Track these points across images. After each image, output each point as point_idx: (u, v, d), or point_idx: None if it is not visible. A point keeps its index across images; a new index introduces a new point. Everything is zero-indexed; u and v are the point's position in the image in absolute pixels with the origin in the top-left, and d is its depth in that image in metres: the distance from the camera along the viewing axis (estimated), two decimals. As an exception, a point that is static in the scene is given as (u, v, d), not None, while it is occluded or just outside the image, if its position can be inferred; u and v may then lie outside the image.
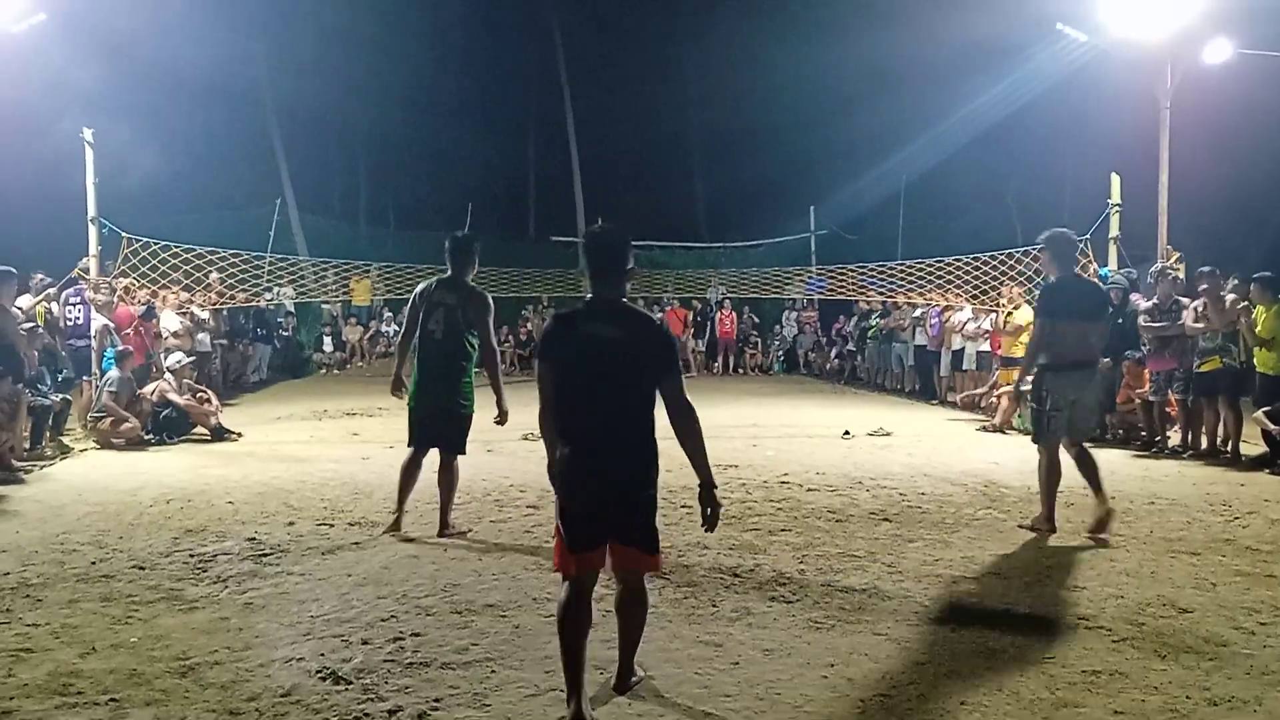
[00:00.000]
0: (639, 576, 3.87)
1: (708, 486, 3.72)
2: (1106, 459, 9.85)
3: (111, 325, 12.16)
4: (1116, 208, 12.50)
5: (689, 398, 3.73)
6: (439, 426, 6.52)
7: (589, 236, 3.96)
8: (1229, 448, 9.89)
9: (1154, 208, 12.78)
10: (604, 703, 3.86)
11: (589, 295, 3.88)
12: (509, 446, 9.46)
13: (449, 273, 6.61)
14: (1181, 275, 11.47)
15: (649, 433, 3.76)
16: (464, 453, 6.64)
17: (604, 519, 3.74)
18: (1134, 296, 11.24)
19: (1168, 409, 10.49)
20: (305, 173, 29.64)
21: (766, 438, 11.49)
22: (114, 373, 10.98)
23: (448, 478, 6.57)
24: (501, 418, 6.49)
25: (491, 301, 6.63)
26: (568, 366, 3.79)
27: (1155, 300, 10.68)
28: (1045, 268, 7.09)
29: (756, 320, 24.59)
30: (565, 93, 33.74)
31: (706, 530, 3.77)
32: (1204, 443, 10.17)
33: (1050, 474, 6.74)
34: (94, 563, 5.90)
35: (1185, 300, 10.44)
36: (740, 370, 23.55)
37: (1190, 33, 12.91)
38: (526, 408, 3.96)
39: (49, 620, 4.81)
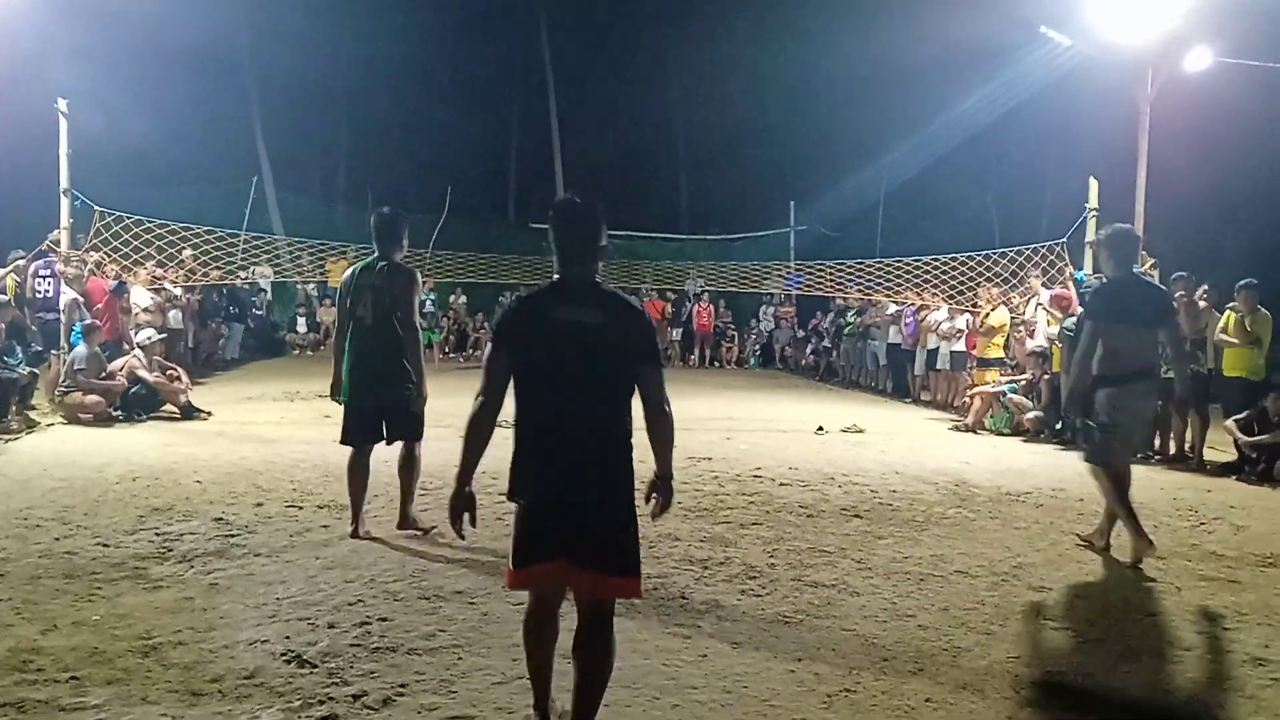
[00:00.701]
0: (606, 606, 3.32)
1: (666, 479, 3.42)
2: (1075, 462, 9.95)
3: (81, 299, 12.01)
4: (1094, 212, 12.57)
5: (668, 396, 3.34)
6: (390, 419, 6.05)
7: (559, 207, 3.45)
8: (1195, 453, 9.99)
9: (1132, 212, 12.87)
10: (561, 699, 3.81)
11: (556, 275, 3.38)
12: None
13: (375, 253, 6.11)
14: (1156, 280, 11.55)
15: (626, 435, 3.30)
16: (420, 437, 6.16)
17: (560, 530, 3.24)
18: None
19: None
20: (283, 149, 29.36)
21: (740, 431, 11.50)
22: (81, 348, 10.84)
23: (409, 469, 6.15)
24: (419, 402, 6.09)
25: (419, 277, 6.23)
26: (533, 355, 3.29)
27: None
28: (1101, 266, 6.53)
29: (731, 315, 24.59)
30: (549, 79, 33.58)
31: (652, 519, 3.46)
32: (1171, 448, 10.27)
33: (1118, 490, 6.05)
34: (58, 539, 5.82)
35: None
36: (716, 363, 23.55)
37: (1172, 39, 13.00)
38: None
39: (10, 596, 4.75)
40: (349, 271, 6.22)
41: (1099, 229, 12.44)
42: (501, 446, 3.30)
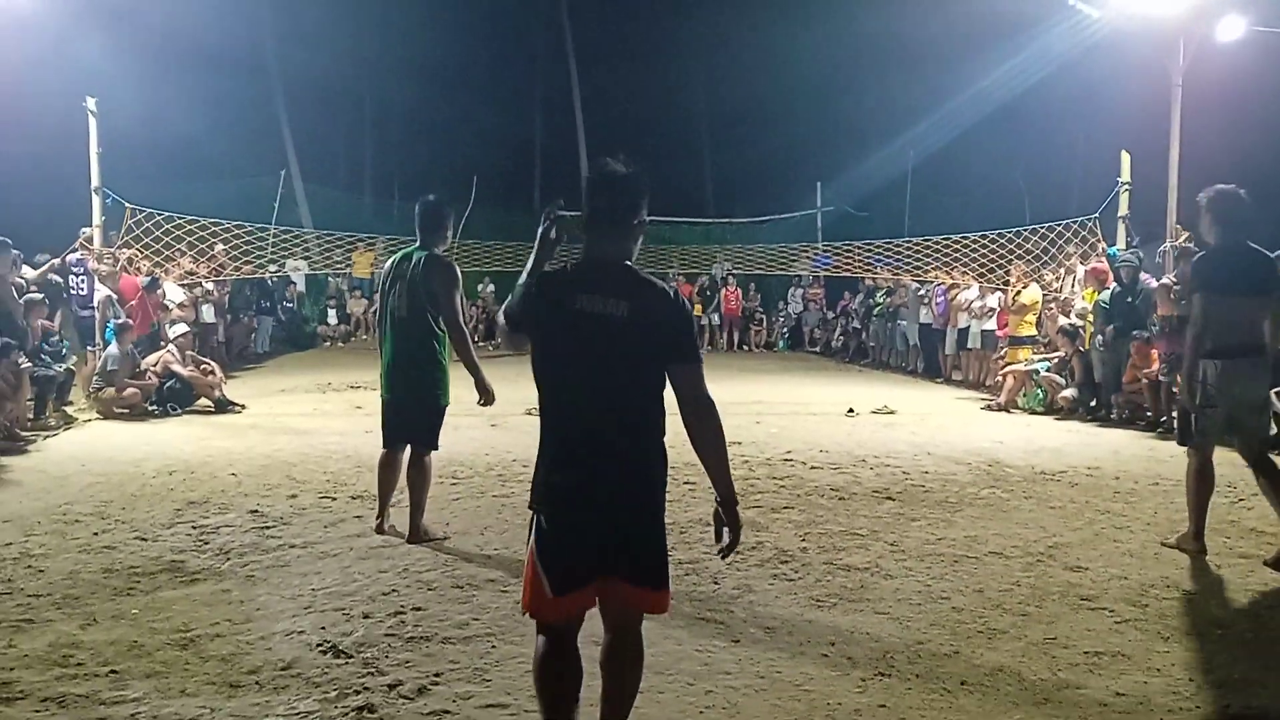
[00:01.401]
0: (637, 620, 3.08)
1: (728, 504, 2.95)
2: (1111, 440, 9.87)
3: (115, 296, 12.15)
4: (1126, 186, 12.41)
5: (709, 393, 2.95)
6: (411, 418, 5.78)
7: (598, 173, 3.01)
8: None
9: (1164, 186, 12.68)
10: (592, 686, 3.78)
11: (584, 253, 3.01)
12: (513, 421, 9.45)
13: (417, 242, 5.83)
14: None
15: (659, 435, 2.99)
16: (436, 448, 5.85)
17: (599, 550, 2.93)
18: (1143, 276, 11.15)
19: (1174, 390, 10.42)
20: (310, 142, 29.51)
21: (770, 415, 11.46)
22: (113, 348, 10.94)
23: (419, 476, 5.78)
24: (485, 398, 5.77)
25: (458, 272, 5.81)
26: (554, 349, 2.96)
27: (1173, 278, 10.52)
28: (1204, 232, 5.93)
29: (760, 298, 24.51)
30: (572, 66, 33.53)
31: (722, 558, 3.02)
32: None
33: (1200, 483, 5.72)
34: (96, 534, 5.90)
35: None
36: (745, 347, 23.50)
37: (1203, 9, 12.76)
38: (529, 383, 3.49)
39: (50, 591, 4.82)
40: (390, 260, 5.98)
41: (1129, 204, 12.34)
42: (531, 434, 3.18)
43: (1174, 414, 9.93)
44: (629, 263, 3.00)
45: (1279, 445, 9.05)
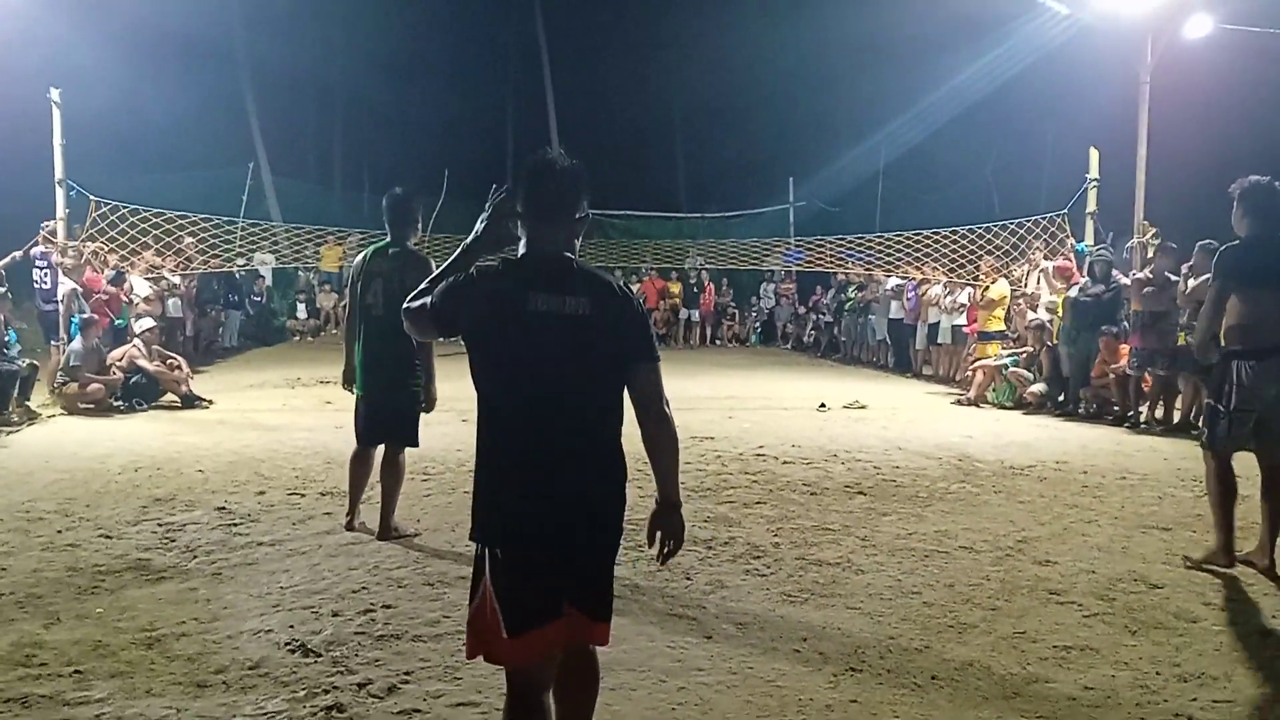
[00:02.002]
0: (589, 645, 2.87)
1: (674, 507, 2.77)
2: (1079, 434, 9.97)
3: (79, 290, 11.97)
4: (1094, 183, 12.51)
5: (667, 397, 2.78)
6: (389, 417, 5.72)
7: (535, 166, 2.81)
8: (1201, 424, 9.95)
9: (1132, 182, 12.80)
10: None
11: (524, 249, 2.78)
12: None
13: (387, 237, 5.78)
14: (1152, 251, 11.47)
15: (617, 445, 2.75)
16: (416, 445, 5.82)
17: (560, 578, 2.68)
18: (1115, 272, 11.27)
19: (1143, 384, 10.55)
20: (279, 134, 29.21)
21: (742, 410, 11.48)
22: (77, 343, 10.79)
23: (393, 473, 5.75)
24: (428, 405, 5.76)
25: (434, 267, 5.93)
26: (504, 349, 2.67)
27: (1148, 273, 10.61)
28: (1235, 224, 5.54)
29: (732, 293, 24.55)
30: (544, 60, 33.41)
31: (661, 563, 2.86)
32: (1175, 417, 10.25)
33: (1223, 489, 5.35)
34: (60, 531, 5.81)
35: (1173, 275, 10.41)
36: (717, 341, 23.54)
37: (1171, 7, 12.87)
38: None
39: (13, 590, 4.74)
40: (360, 255, 5.90)
41: (1097, 201, 12.45)
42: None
43: (1182, 412, 10.01)
44: (571, 256, 2.78)
45: None
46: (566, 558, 2.67)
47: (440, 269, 2.86)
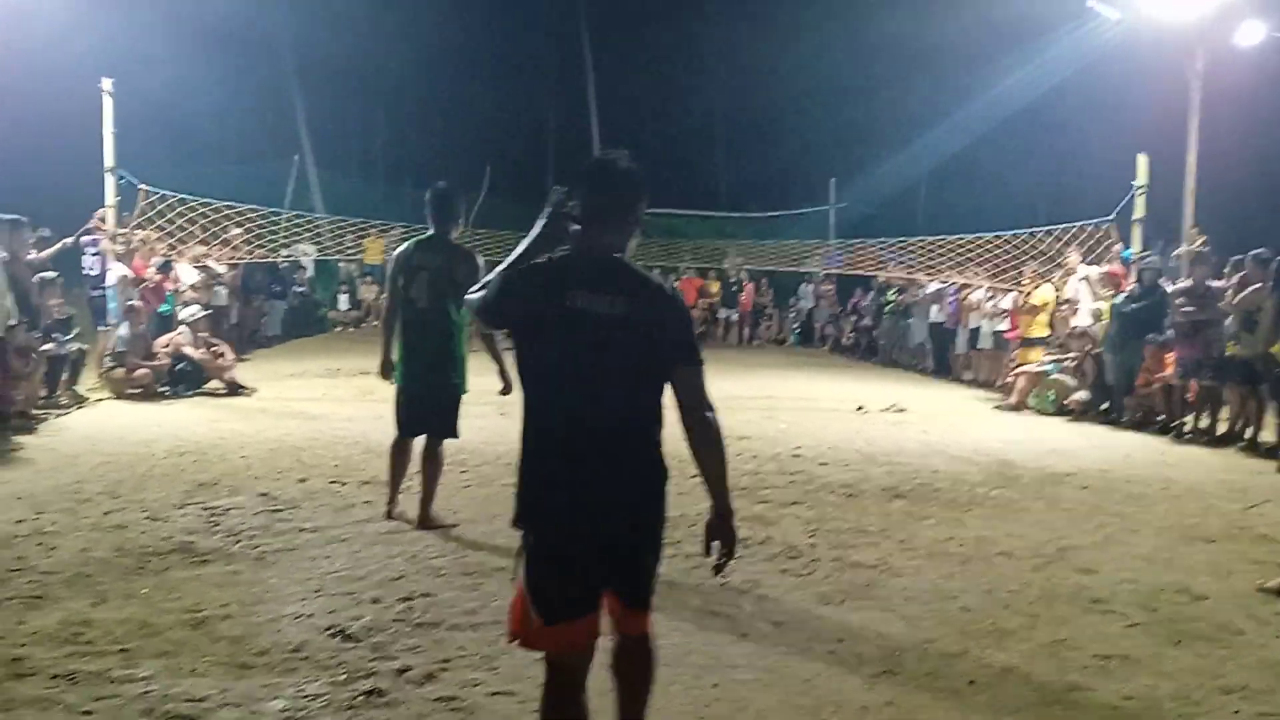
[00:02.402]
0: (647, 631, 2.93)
1: (726, 516, 2.77)
2: (1122, 443, 9.84)
3: (130, 275, 12.17)
4: (1142, 189, 12.35)
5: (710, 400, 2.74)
6: (430, 409, 5.78)
7: (595, 166, 2.85)
8: (1247, 434, 9.79)
9: (1181, 190, 12.63)
10: (599, 676, 3.79)
11: (576, 246, 2.80)
12: (521, 411, 9.42)
13: (430, 230, 5.82)
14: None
15: (659, 446, 2.76)
16: (456, 436, 5.89)
17: (596, 574, 2.71)
18: (1162, 280, 11.11)
19: (1187, 394, 10.39)
20: (323, 128, 29.54)
21: (779, 410, 11.45)
22: (124, 329, 10.98)
23: (433, 464, 5.82)
24: (507, 388, 5.66)
25: (481, 261, 5.74)
26: (543, 348, 2.71)
27: (1190, 282, 10.48)
28: None
29: (771, 293, 24.50)
30: (587, 58, 33.51)
31: (715, 573, 2.90)
32: (1219, 428, 10.08)
33: None
34: (107, 513, 5.92)
35: (1217, 284, 10.25)
36: (755, 341, 23.48)
37: (1222, 13, 12.71)
38: None
39: (62, 569, 4.83)
40: (403, 248, 5.94)
41: (1145, 208, 12.30)
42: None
43: (1228, 423, 9.85)
44: (620, 256, 2.78)
45: None
46: (600, 552, 2.69)
47: (502, 265, 2.88)
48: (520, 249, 2.87)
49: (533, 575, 2.67)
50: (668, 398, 2.73)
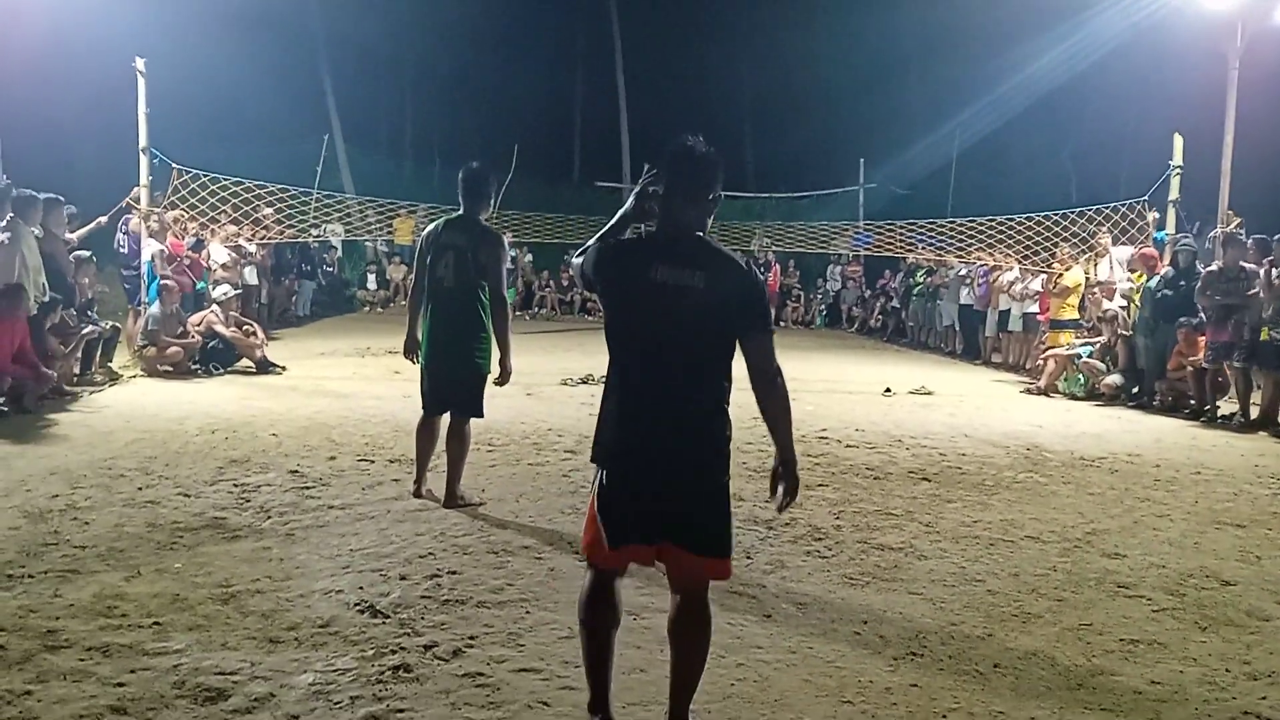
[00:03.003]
0: (702, 587, 3.14)
1: (788, 464, 3.11)
2: (1152, 427, 9.76)
3: (165, 251, 12.29)
4: (1178, 170, 12.17)
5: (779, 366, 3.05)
6: (453, 388, 5.80)
7: (677, 150, 3.08)
8: (1279, 419, 9.68)
9: (1217, 170, 12.43)
10: (624, 655, 3.84)
11: (660, 223, 3.13)
12: (548, 391, 9.48)
13: (460, 210, 5.83)
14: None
15: (724, 403, 3.08)
16: (481, 415, 5.91)
17: (658, 512, 3.03)
18: (1198, 263, 10.98)
19: (1220, 378, 10.27)
20: (353, 107, 29.62)
21: (806, 392, 11.40)
22: (156, 308, 11.11)
23: (458, 444, 5.84)
24: (503, 378, 5.79)
25: (506, 244, 5.88)
26: (628, 314, 3.08)
27: (1220, 266, 10.35)
28: None
29: (799, 274, 24.38)
30: (616, 38, 33.33)
31: (778, 511, 3.24)
32: (1254, 413, 9.97)
33: None
34: (140, 489, 6.01)
35: (1250, 267, 10.11)
36: (781, 323, 23.40)
37: (1263, -8, 12.47)
38: (565, 353, 3.83)
39: (95, 543, 4.91)
40: (432, 226, 5.93)
41: (1180, 188, 12.12)
42: (566, 404, 3.24)
43: (1261, 408, 9.74)
44: (701, 234, 3.10)
45: None
46: (664, 492, 3.02)
47: (597, 234, 3.28)
48: (612, 222, 3.27)
49: (604, 505, 3.06)
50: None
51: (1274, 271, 9.62)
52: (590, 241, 3.26)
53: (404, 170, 30.97)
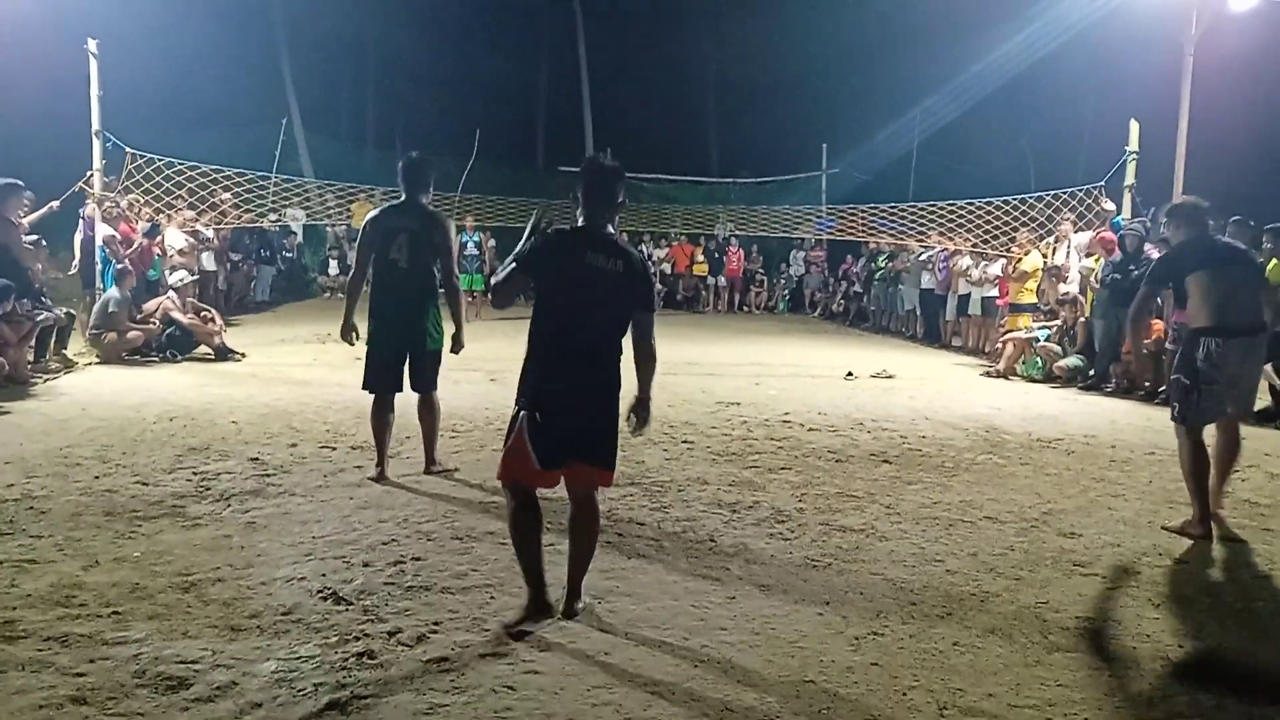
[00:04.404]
0: (594, 491, 4.07)
1: (645, 402, 4.03)
2: (1108, 409, 9.91)
3: (117, 236, 12.10)
4: (1133, 155, 12.34)
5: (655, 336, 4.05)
6: (413, 365, 6.09)
7: (593, 165, 4.05)
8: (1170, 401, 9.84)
9: (1173, 156, 12.62)
10: (590, 639, 3.89)
11: (581, 223, 4.00)
12: (511, 377, 9.42)
13: (403, 196, 6.10)
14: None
15: (618, 358, 4.00)
16: (435, 388, 6.23)
17: (573, 440, 3.92)
18: (1147, 246, 11.12)
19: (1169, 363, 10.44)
20: (312, 91, 29.24)
21: (769, 376, 11.49)
22: (113, 291, 10.95)
23: (431, 416, 6.24)
24: (457, 347, 6.20)
25: (453, 226, 6.27)
26: (562, 290, 3.92)
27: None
28: (1171, 236, 6.03)
29: (761, 259, 24.45)
30: (579, 24, 33.16)
31: (634, 435, 4.12)
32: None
33: (1196, 463, 5.57)
34: (97, 477, 5.93)
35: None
36: (745, 308, 23.50)
37: (1218, -23, 12.64)
38: (525, 338, 3.92)
39: (52, 533, 4.85)
40: (375, 212, 6.20)
41: (1136, 174, 12.29)
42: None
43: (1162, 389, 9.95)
44: (611, 231, 4.06)
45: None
46: (578, 425, 3.92)
47: (508, 260, 4.05)
48: (518, 252, 4.01)
49: (535, 437, 3.87)
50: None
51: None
52: (507, 263, 4.03)
53: (365, 156, 30.65)
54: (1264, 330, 5.72)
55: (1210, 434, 5.79)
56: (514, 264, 3.98)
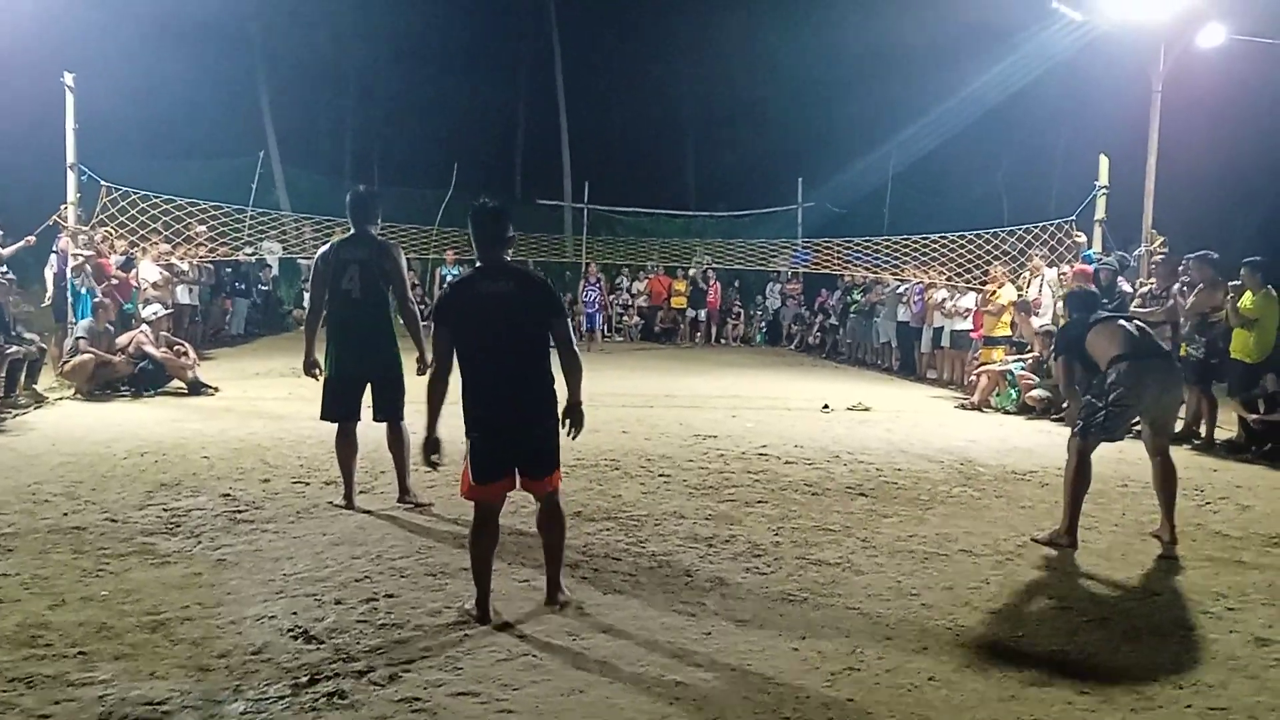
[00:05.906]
0: (553, 494, 4.45)
1: (576, 405, 4.35)
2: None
3: (90, 269, 12.01)
4: (1104, 190, 12.51)
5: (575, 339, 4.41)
6: (374, 394, 6.19)
7: (477, 210, 4.43)
8: (1204, 433, 9.96)
9: (1142, 190, 12.80)
10: (566, 675, 3.86)
11: (479, 262, 4.40)
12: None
13: (351, 230, 6.25)
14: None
15: (547, 371, 4.30)
16: (402, 416, 6.26)
17: (510, 455, 4.31)
18: (1120, 280, 11.26)
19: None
20: (290, 125, 29.26)
21: (746, 409, 11.50)
22: (88, 321, 10.86)
23: (401, 445, 6.27)
24: (422, 366, 6.15)
25: (401, 255, 6.32)
26: (469, 323, 4.27)
27: (1150, 287, 10.67)
28: (1064, 315, 6.68)
29: (739, 292, 24.58)
30: (556, 55, 33.40)
31: (572, 439, 4.40)
32: (1178, 426, 10.24)
33: (1079, 478, 5.93)
34: (66, 514, 5.86)
35: (1175, 287, 10.41)
36: (722, 341, 23.57)
37: (1185, 16, 12.85)
38: None
39: (19, 571, 4.78)
40: (325, 248, 6.34)
41: (1106, 208, 12.46)
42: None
43: (1185, 422, 10.04)
44: (507, 260, 4.45)
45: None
46: (513, 442, 4.33)
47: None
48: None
49: (476, 457, 4.30)
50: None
51: (1185, 290, 9.96)
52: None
53: (343, 188, 30.57)
54: (1169, 357, 6.25)
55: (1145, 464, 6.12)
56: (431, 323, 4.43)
